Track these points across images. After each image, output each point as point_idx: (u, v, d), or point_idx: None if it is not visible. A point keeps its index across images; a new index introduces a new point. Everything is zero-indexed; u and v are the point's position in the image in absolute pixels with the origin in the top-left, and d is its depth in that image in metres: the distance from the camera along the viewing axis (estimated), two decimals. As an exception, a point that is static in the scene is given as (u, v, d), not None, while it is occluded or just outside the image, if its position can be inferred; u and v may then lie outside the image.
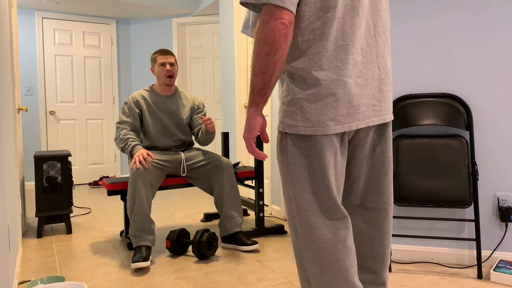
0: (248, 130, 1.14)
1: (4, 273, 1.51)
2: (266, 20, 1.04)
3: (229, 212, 2.59)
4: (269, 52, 1.04)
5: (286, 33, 1.04)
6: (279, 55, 1.05)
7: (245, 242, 2.57)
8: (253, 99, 1.11)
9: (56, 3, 4.68)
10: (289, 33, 1.05)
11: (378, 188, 1.26)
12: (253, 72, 1.08)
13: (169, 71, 2.68)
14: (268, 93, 1.10)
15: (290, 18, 1.05)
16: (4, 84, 1.86)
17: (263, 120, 1.15)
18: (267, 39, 1.03)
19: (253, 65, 1.08)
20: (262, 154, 1.16)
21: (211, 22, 5.13)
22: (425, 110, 2.23)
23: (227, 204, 2.59)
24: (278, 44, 1.03)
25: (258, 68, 1.06)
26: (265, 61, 1.05)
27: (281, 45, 1.04)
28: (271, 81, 1.07)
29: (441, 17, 2.26)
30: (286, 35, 1.04)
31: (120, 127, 2.63)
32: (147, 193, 2.41)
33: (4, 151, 1.72)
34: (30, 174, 4.94)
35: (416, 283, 2.04)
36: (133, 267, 2.23)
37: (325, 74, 1.10)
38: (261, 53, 1.04)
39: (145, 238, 2.38)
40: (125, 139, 2.56)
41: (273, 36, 1.03)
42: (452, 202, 2.15)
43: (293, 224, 1.19)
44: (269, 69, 1.06)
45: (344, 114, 1.12)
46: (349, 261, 1.14)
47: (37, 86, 4.98)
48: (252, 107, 1.12)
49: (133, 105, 2.66)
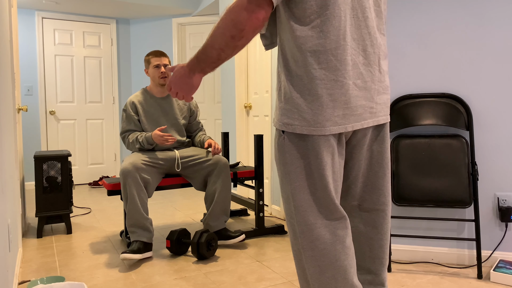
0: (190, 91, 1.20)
1: (4, 273, 1.51)
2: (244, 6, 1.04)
3: (216, 212, 2.63)
4: (234, 36, 1.06)
5: (256, 27, 1.06)
6: (242, 42, 1.07)
7: (231, 235, 2.62)
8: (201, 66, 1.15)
9: (56, 3, 4.68)
10: (259, 27, 1.07)
11: (376, 189, 1.26)
12: (210, 44, 1.10)
13: (164, 73, 2.71)
14: (217, 66, 1.14)
15: (267, 15, 1.06)
16: (4, 84, 1.87)
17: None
18: (237, 25, 1.05)
19: (213, 39, 1.09)
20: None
21: (211, 22, 5.13)
22: (425, 110, 2.23)
23: (216, 204, 2.62)
24: (246, 33, 1.05)
25: (218, 44, 1.08)
26: (227, 42, 1.07)
27: (247, 34, 1.06)
28: (225, 58, 1.11)
29: (441, 17, 2.26)
30: (256, 29, 1.06)
31: (126, 134, 2.71)
32: (138, 191, 2.43)
33: (4, 151, 1.72)
34: (30, 174, 4.94)
35: (416, 283, 2.04)
36: (120, 257, 2.29)
37: (323, 74, 1.10)
38: (227, 33, 1.06)
39: (140, 233, 2.42)
40: (135, 139, 2.64)
41: (244, 24, 1.05)
42: (452, 202, 2.15)
43: (291, 225, 1.19)
44: (228, 49, 1.08)
45: (341, 115, 1.11)
46: (348, 261, 1.14)
47: (37, 86, 4.98)
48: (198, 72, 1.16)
49: (132, 112, 2.71)
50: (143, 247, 2.40)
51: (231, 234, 2.63)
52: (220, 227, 2.66)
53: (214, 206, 2.62)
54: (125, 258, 2.27)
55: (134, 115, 2.69)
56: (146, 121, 2.70)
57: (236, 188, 4.22)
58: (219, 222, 2.65)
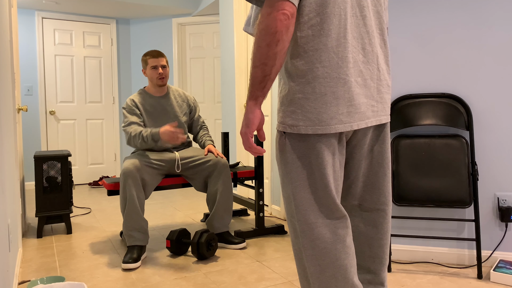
0: (247, 125, 1.11)
1: (4, 273, 1.51)
2: (268, 12, 1.03)
3: (220, 212, 2.62)
4: (270, 43, 1.02)
5: (287, 24, 1.02)
6: (280, 47, 1.03)
7: (233, 241, 2.62)
8: (252, 92, 1.09)
9: (56, 3, 4.68)
10: (291, 25, 1.03)
11: (376, 189, 1.26)
12: (253, 64, 1.06)
13: (161, 74, 2.68)
14: (268, 86, 1.08)
15: (292, 9, 1.04)
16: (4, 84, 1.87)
17: (261, 115, 1.12)
18: (269, 30, 1.02)
19: (253, 57, 1.06)
20: (260, 150, 1.14)
21: (211, 22, 5.13)
22: (425, 110, 2.23)
23: (219, 204, 2.61)
24: (279, 35, 1.02)
25: (259, 60, 1.04)
26: (266, 52, 1.03)
27: (282, 36, 1.02)
28: (271, 73, 1.05)
29: (441, 17, 2.26)
30: (288, 27, 1.03)
31: (127, 128, 2.60)
32: (138, 192, 2.42)
33: (4, 151, 1.72)
34: (30, 174, 4.94)
35: (416, 283, 2.04)
36: (123, 267, 2.29)
37: (325, 72, 1.10)
38: (262, 44, 1.03)
39: (137, 237, 2.42)
40: (138, 134, 2.53)
41: (275, 27, 1.01)
42: (452, 202, 2.15)
43: (292, 224, 1.19)
44: (269, 60, 1.04)
45: (345, 113, 1.11)
46: (348, 260, 1.14)
47: (37, 86, 4.98)
48: (252, 100, 1.10)
49: (133, 106, 2.66)
50: (141, 251, 2.42)
51: (232, 240, 2.63)
52: (223, 230, 2.65)
53: (217, 206, 2.62)
54: (127, 267, 2.29)
55: (135, 109, 2.65)
56: (147, 120, 2.70)
57: (236, 188, 4.22)
58: (223, 224, 2.65)
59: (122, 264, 2.29)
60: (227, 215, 2.65)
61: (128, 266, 2.28)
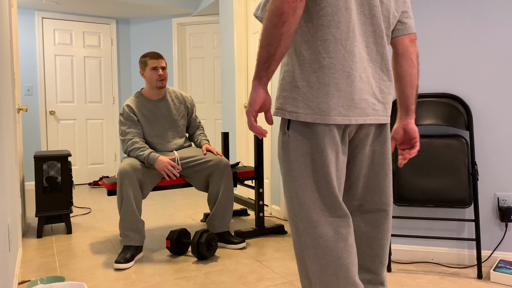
0: (250, 103, 1.12)
1: (4, 273, 1.51)
2: None
3: (220, 212, 2.63)
4: (276, 24, 1.04)
5: (295, 6, 1.03)
6: (286, 28, 1.04)
7: (233, 241, 2.63)
8: (257, 71, 1.10)
9: (56, 3, 4.68)
10: (298, 8, 1.04)
11: (377, 189, 1.26)
12: (260, 44, 1.08)
13: (162, 75, 2.65)
14: (272, 67, 1.09)
15: None
16: (4, 84, 1.87)
17: (266, 96, 1.12)
18: (276, 11, 1.03)
19: (260, 38, 1.08)
20: (262, 130, 1.13)
21: (211, 22, 5.13)
22: (425, 110, 2.23)
23: (220, 204, 2.62)
24: (286, 16, 1.03)
25: (265, 40, 1.06)
26: (272, 33, 1.05)
27: (288, 18, 1.03)
28: (275, 54, 1.07)
29: (441, 17, 2.26)
30: (295, 9, 1.04)
31: (125, 139, 2.59)
32: (134, 192, 2.42)
33: (4, 151, 1.72)
34: (30, 174, 4.94)
35: (416, 283, 2.04)
36: (114, 267, 2.30)
37: (331, 63, 1.10)
38: (269, 25, 1.05)
39: (132, 238, 2.43)
40: (136, 149, 2.54)
41: (282, 8, 1.03)
42: (452, 202, 2.15)
43: (294, 222, 1.19)
44: (274, 41, 1.05)
45: (345, 106, 1.12)
46: (350, 259, 1.14)
47: (37, 86, 4.98)
48: (256, 79, 1.11)
49: (130, 113, 2.63)
50: (136, 251, 2.42)
51: (232, 240, 2.63)
52: (223, 230, 2.65)
53: (217, 206, 2.62)
54: (119, 267, 2.29)
55: (132, 116, 2.63)
56: (144, 124, 2.67)
57: (236, 188, 4.22)
58: (223, 224, 2.65)
59: (114, 263, 2.30)
60: (227, 215, 2.65)
61: (119, 266, 2.29)
